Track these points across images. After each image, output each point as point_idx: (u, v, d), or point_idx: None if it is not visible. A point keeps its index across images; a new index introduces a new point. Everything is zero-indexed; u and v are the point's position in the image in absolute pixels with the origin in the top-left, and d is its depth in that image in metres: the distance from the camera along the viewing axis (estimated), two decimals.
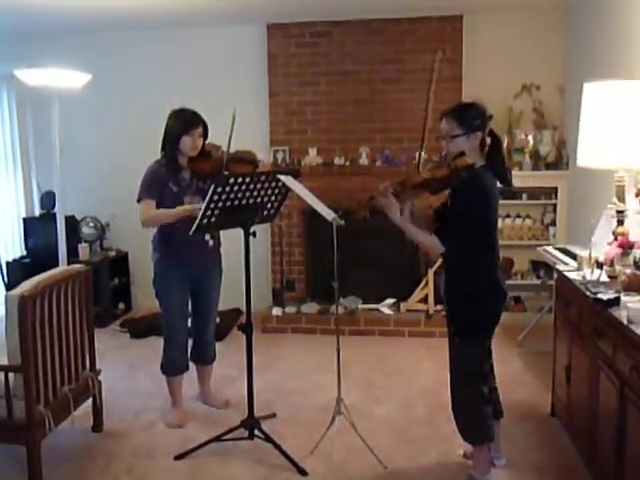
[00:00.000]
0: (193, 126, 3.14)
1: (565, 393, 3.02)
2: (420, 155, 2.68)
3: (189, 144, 3.14)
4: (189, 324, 3.40)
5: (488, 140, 2.53)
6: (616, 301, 2.39)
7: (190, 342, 3.44)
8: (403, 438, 3.15)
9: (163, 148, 3.20)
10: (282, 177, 2.84)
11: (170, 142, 3.16)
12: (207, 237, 3.26)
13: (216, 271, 3.42)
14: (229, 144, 3.05)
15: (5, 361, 2.69)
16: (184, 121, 3.14)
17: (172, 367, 3.34)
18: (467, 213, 2.41)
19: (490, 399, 2.63)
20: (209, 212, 2.73)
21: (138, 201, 3.13)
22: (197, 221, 2.73)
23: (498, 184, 2.52)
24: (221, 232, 3.34)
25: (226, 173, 3.02)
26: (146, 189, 3.13)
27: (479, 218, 2.42)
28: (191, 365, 3.45)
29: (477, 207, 2.41)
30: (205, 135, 3.23)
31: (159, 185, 3.13)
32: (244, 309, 3.02)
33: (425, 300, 4.88)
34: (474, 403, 2.55)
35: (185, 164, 3.21)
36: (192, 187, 3.22)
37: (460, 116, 2.46)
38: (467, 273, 2.50)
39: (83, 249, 5.26)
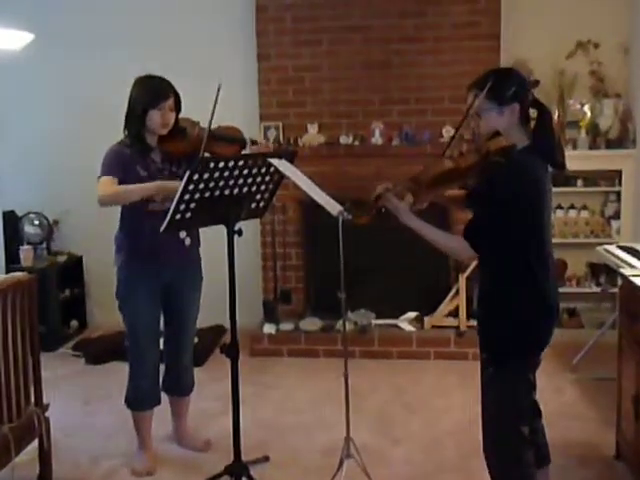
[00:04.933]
0: (162, 98, 3.14)
1: (633, 430, 3.01)
2: (450, 142, 2.63)
3: (158, 120, 3.15)
4: (161, 345, 3.41)
5: (533, 113, 2.51)
6: None
7: (162, 368, 3.44)
8: None
9: (126, 125, 3.21)
10: (274, 161, 2.84)
11: (135, 118, 3.16)
12: (182, 235, 3.27)
13: (194, 277, 3.43)
14: (211, 121, 3.05)
15: None
16: (151, 92, 3.15)
17: (140, 399, 3.34)
18: (506, 206, 2.38)
19: (532, 442, 2.62)
20: (183, 205, 2.72)
21: (98, 179, 3.14)
22: (168, 217, 2.73)
23: (549, 169, 2.51)
24: (199, 230, 3.35)
25: (206, 155, 3.03)
26: (108, 167, 3.13)
27: (521, 213, 2.40)
28: (164, 397, 3.45)
29: (519, 199, 2.38)
30: (178, 108, 3.24)
31: (123, 166, 3.14)
32: (228, 326, 3.02)
33: (455, 313, 4.88)
34: (511, 447, 2.54)
35: (155, 144, 3.23)
36: (164, 172, 3.23)
37: (489, 87, 2.45)
38: (506, 283, 2.48)
39: (25, 252, 5.26)
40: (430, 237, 2.50)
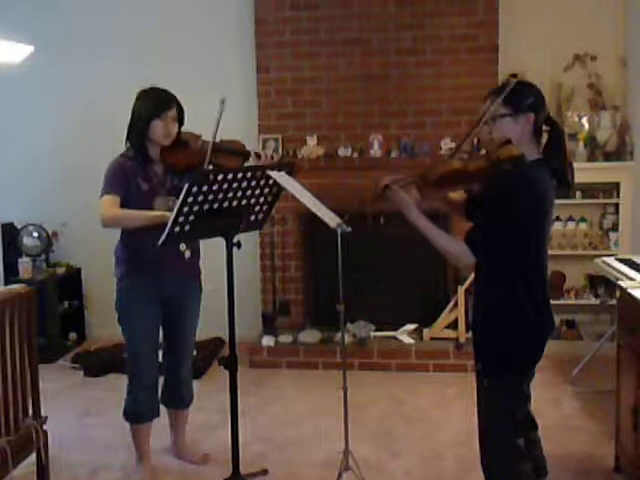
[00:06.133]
0: (165, 107, 3.16)
1: (632, 442, 3.01)
2: (458, 148, 2.64)
3: (160, 130, 3.17)
4: (160, 357, 3.41)
5: (546, 129, 2.52)
6: None
7: (161, 380, 3.44)
8: None
9: (129, 137, 3.23)
10: (273, 173, 2.84)
11: (137, 128, 3.18)
12: (182, 247, 3.28)
13: (194, 290, 3.43)
14: (215, 133, 3.07)
15: None
16: (154, 102, 3.17)
17: (138, 412, 3.33)
18: (510, 213, 2.39)
19: (529, 454, 2.61)
20: (182, 218, 2.73)
21: (100, 197, 3.15)
22: (167, 229, 2.73)
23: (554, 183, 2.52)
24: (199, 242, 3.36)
25: (210, 168, 3.04)
26: (110, 184, 3.15)
27: (524, 222, 2.40)
28: (162, 410, 3.45)
29: (524, 209, 2.39)
30: (180, 120, 3.26)
31: (125, 180, 3.15)
32: (227, 338, 3.03)
33: (454, 325, 4.88)
34: (507, 459, 2.53)
35: (157, 156, 3.24)
36: (166, 184, 3.24)
37: (507, 93, 2.46)
38: (503, 294, 2.48)
39: (24, 265, 5.26)
40: (433, 238, 2.48)
